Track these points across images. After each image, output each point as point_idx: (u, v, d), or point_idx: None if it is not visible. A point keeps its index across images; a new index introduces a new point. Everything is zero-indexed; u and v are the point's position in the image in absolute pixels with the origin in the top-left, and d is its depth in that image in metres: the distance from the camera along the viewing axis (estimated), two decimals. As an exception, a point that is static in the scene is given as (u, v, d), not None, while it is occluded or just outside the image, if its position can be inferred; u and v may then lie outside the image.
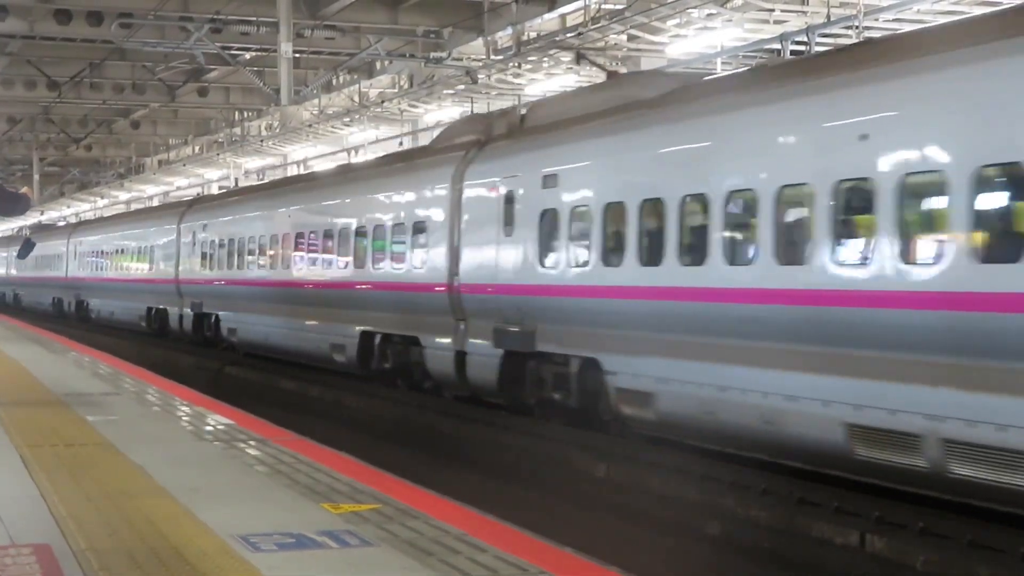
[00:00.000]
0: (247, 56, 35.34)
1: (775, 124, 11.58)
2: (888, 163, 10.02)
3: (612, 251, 13.68)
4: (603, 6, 24.33)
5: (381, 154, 29.07)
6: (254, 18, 30.52)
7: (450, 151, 18.24)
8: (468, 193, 16.87)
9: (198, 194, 44.23)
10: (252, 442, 10.13)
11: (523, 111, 17.57)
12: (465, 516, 7.16)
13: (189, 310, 30.35)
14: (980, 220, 9.30)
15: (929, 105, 9.84)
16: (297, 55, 31.22)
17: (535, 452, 14.57)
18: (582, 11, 24.79)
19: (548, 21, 27.95)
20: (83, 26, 31.76)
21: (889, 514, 10.15)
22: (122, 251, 38.02)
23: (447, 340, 17.15)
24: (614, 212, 13.64)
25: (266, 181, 32.91)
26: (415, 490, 8.02)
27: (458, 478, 13.04)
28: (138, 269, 35.74)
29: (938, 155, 9.60)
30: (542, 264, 14.90)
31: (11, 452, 9.35)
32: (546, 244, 14.86)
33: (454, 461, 15.09)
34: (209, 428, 11.08)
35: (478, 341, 16.37)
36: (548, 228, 14.80)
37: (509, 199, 15.68)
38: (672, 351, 12.65)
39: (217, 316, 28.66)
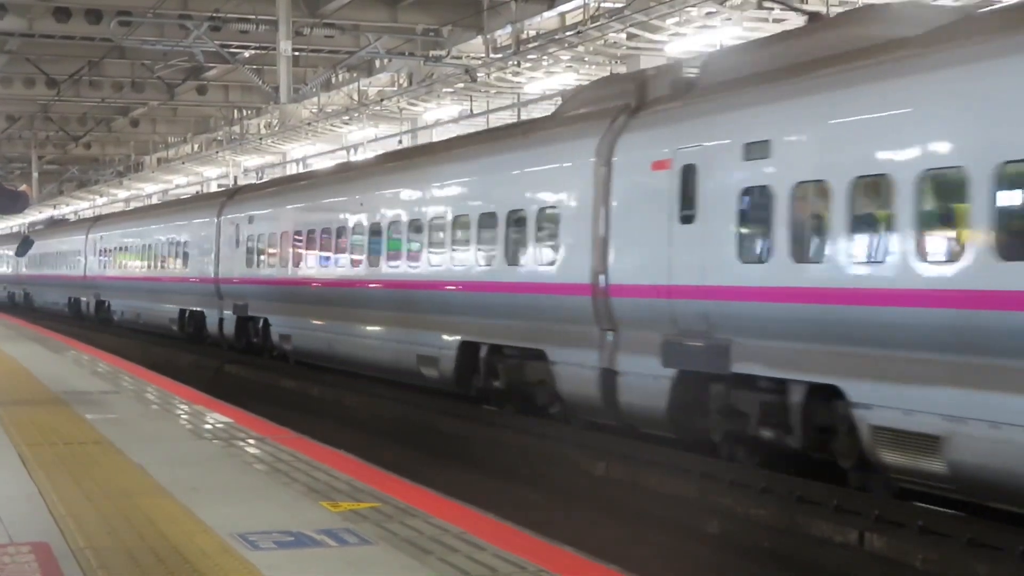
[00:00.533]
0: (246, 54, 35.33)
1: None
2: None
3: (868, 240, 10.30)
4: (602, 4, 24.34)
5: (472, 130, 25.90)
6: (253, 16, 30.55)
7: (588, 120, 14.74)
8: (620, 170, 13.57)
9: (235, 183, 39.29)
10: (251, 440, 10.12)
11: (690, 67, 14.02)
12: (464, 514, 7.15)
13: (231, 313, 27.15)
14: None
15: None
16: (296, 53, 31.24)
17: (534, 450, 14.56)
18: (581, 9, 24.81)
19: (547, 19, 27.97)
20: (82, 24, 31.76)
21: (888, 513, 10.15)
22: (150, 247, 34.50)
23: (589, 355, 13.92)
24: (872, 187, 10.26)
25: (328, 167, 28.87)
26: (414, 488, 8.02)
27: (457, 477, 13.04)
28: (169, 267, 32.44)
29: None
30: (743, 258, 11.60)
31: (10, 451, 9.34)
32: (751, 232, 11.61)
33: (453, 460, 15.09)
34: (208, 426, 11.07)
35: (636, 358, 13.14)
36: (755, 211, 11.50)
37: (687, 176, 12.35)
38: (975, 380, 9.28)
39: (266, 320, 25.23)
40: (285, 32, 29.49)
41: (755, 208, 11.46)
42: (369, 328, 20.01)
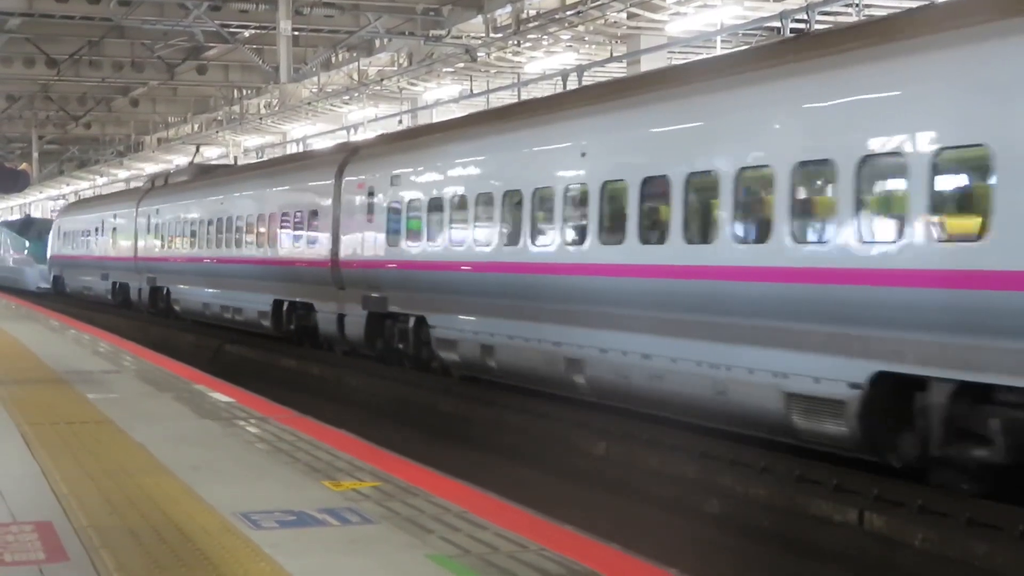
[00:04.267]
0: (246, 34, 35.26)
1: None
2: None
3: None
4: (603, -16, 24.29)
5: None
6: (253, -4, 30.49)
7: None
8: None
9: (349, 140, 31.41)
10: (253, 420, 10.15)
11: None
12: (465, 493, 7.18)
13: (360, 307, 19.98)
14: None
15: None
16: (296, 33, 31.17)
17: (535, 430, 14.59)
18: (582, -11, 24.76)
19: (547, -1, 27.93)
20: (82, 4, 31.72)
21: (888, 492, 10.17)
22: (229, 221, 26.87)
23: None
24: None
25: (525, 102, 21.55)
26: (415, 468, 8.05)
27: (458, 456, 13.07)
28: (258, 245, 25.05)
29: None
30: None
31: (12, 430, 9.37)
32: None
33: (454, 439, 15.12)
34: (210, 406, 11.09)
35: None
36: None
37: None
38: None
39: (421, 319, 17.95)
40: (285, 12, 29.42)
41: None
42: (661, 346, 12.65)
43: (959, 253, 9.35)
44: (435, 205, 17.45)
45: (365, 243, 19.80)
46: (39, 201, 78.27)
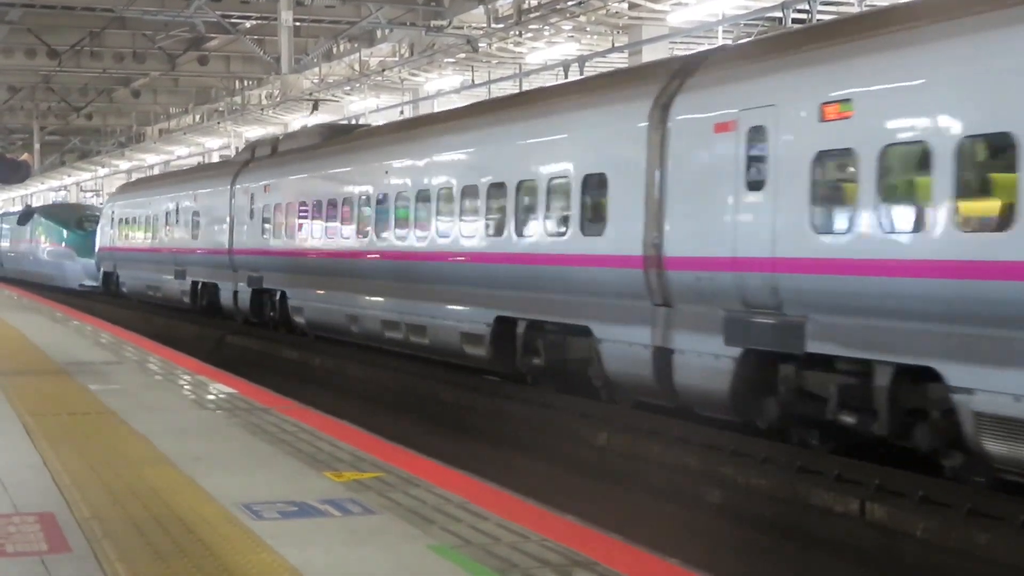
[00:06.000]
0: (247, 25, 35.22)
1: None
2: None
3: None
4: (604, -26, 24.26)
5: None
6: (254, -14, 30.47)
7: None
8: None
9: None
10: (254, 411, 10.16)
11: None
12: (467, 484, 7.19)
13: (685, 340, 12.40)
14: None
15: None
16: (297, 23, 31.13)
17: (536, 421, 14.60)
18: (583, -21, 24.72)
19: (549, -11, 27.86)
20: (83, -6, 31.66)
21: (889, 482, 10.18)
22: (408, 200, 18.09)
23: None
24: None
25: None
26: (417, 458, 8.06)
27: (460, 447, 13.08)
28: (475, 237, 16.18)
29: None
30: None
31: (14, 421, 9.38)
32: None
33: (456, 430, 15.13)
34: (211, 397, 11.10)
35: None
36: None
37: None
38: None
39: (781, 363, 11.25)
40: (286, 2, 29.38)
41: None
42: None
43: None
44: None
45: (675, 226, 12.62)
46: (40, 192, 78.25)
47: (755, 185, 11.17)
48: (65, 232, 43.09)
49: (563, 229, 14.20)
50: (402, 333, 18.18)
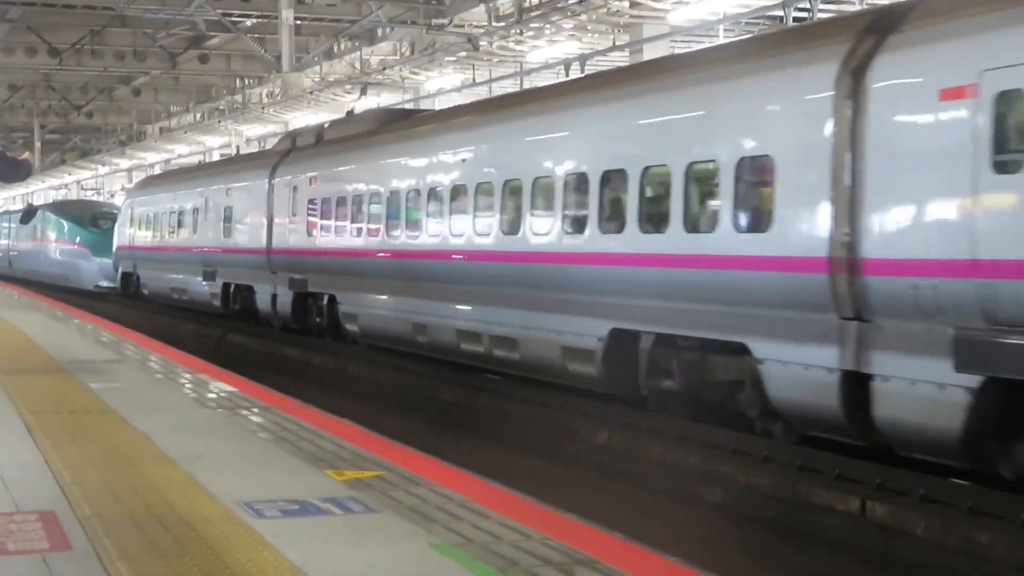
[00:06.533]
0: (248, 23, 35.26)
1: None
2: None
3: None
4: (605, -28, 24.28)
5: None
6: (255, -15, 30.49)
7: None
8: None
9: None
10: (255, 409, 10.16)
11: None
12: (468, 483, 7.19)
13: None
14: None
15: None
16: (298, 22, 31.19)
17: (537, 419, 14.60)
18: (584, -22, 24.75)
19: (550, -13, 27.88)
20: (84, -8, 31.70)
21: (890, 480, 10.18)
22: (501, 191, 15.64)
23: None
24: None
25: None
26: (419, 457, 8.05)
27: (461, 445, 13.08)
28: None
29: None
30: None
31: (15, 419, 9.38)
32: None
33: (457, 428, 15.13)
34: (212, 395, 11.10)
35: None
36: None
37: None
38: None
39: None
40: (287, 1, 29.41)
41: None
42: None
43: None
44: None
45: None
46: (41, 191, 78.28)
47: (1006, 166, 8.79)
48: (80, 230, 40.99)
49: (709, 225, 11.81)
50: (483, 346, 15.87)
